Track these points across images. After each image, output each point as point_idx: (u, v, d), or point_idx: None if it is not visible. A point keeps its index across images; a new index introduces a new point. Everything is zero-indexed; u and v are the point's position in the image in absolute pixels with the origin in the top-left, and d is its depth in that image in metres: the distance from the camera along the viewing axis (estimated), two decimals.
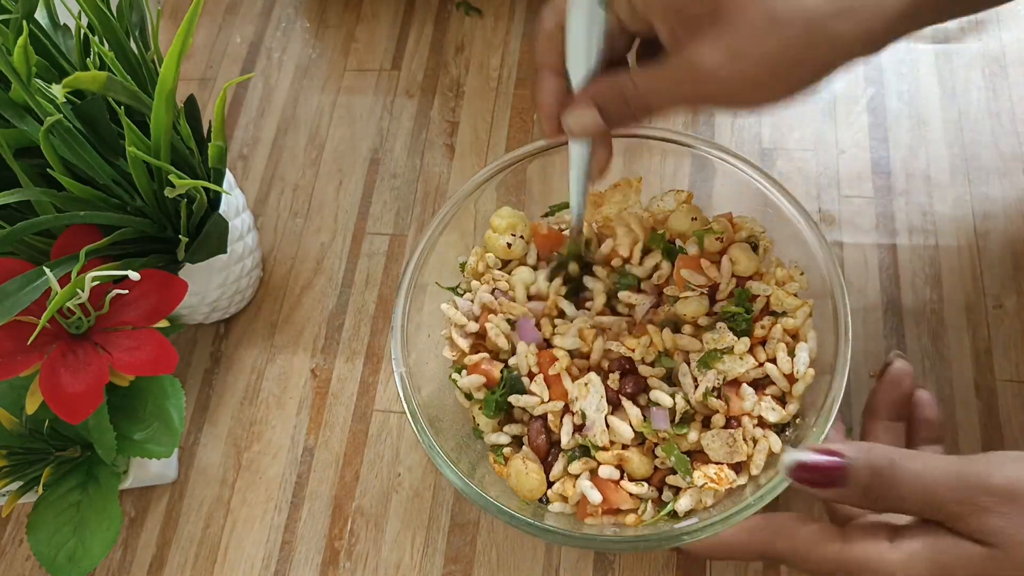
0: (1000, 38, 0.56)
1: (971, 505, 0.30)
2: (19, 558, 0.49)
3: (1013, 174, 0.52)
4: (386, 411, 0.51)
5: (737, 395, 0.40)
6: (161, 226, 0.45)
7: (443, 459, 0.39)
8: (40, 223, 0.39)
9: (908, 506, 0.32)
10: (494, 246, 0.46)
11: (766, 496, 0.36)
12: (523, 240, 0.46)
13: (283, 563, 0.47)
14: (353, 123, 0.61)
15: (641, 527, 0.39)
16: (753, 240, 0.44)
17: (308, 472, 0.49)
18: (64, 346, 0.41)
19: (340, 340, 0.53)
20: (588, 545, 0.37)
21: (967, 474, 0.30)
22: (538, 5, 0.63)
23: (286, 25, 0.66)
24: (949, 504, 0.30)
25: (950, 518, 0.31)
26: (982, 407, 0.46)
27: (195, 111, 0.46)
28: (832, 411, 0.37)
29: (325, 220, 0.57)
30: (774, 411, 0.40)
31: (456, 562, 0.46)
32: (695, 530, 0.36)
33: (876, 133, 0.54)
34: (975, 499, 0.30)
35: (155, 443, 0.43)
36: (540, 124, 0.36)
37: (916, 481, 0.31)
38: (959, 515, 0.30)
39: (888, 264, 0.50)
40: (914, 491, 0.31)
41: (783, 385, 0.40)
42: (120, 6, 0.43)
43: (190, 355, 0.54)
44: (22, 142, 0.40)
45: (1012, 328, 0.48)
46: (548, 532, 0.37)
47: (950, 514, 0.31)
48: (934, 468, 0.31)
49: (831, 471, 0.32)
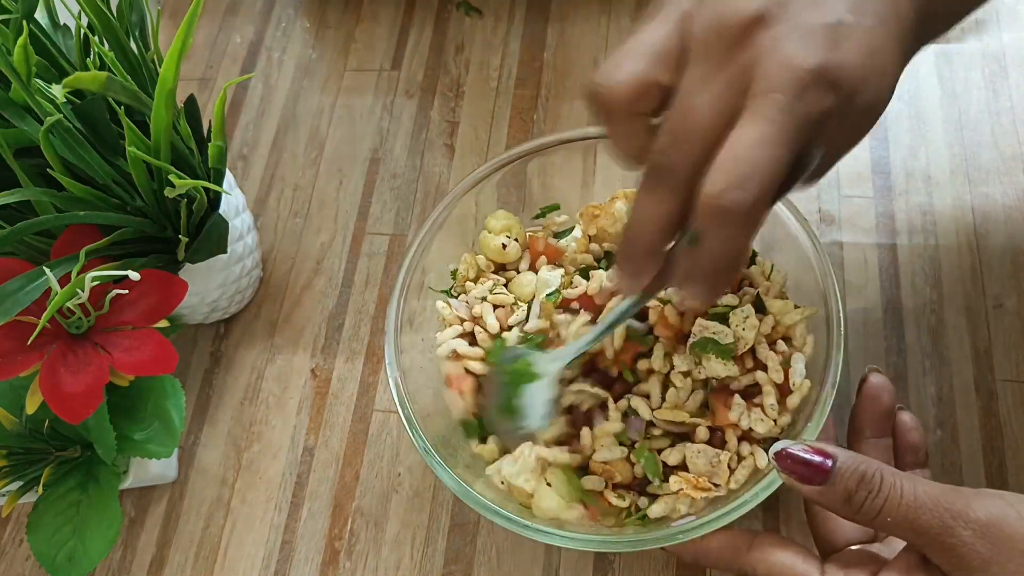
0: (1000, 38, 0.56)
1: (951, 536, 0.29)
2: (19, 558, 0.49)
3: (1013, 174, 0.52)
4: (386, 411, 0.51)
5: (725, 405, 0.38)
6: (161, 226, 0.45)
7: (439, 463, 0.39)
8: (40, 223, 0.39)
9: (889, 524, 0.31)
10: (488, 247, 0.46)
11: (760, 494, 0.35)
12: (517, 243, 0.46)
13: (283, 563, 0.47)
14: (353, 123, 0.61)
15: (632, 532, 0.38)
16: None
17: (308, 472, 0.49)
18: (64, 346, 0.41)
19: (340, 340, 0.53)
20: (585, 546, 0.37)
21: (952, 502, 0.30)
22: (538, 5, 0.63)
23: (286, 25, 0.66)
24: (931, 530, 0.30)
25: (930, 544, 0.30)
26: (982, 407, 0.46)
27: (195, 111, 0.46)
28: (822, 419, 0.36)
29: (325, 220, 0.57)
30: (763, 422, 0.38)
31: (456, 562, 0.46)
32: (689, 530, 0.36)
33: (876, 133, 0.54)
34: (956, 530, 0.29)
35: (155, 443, 0.43)
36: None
37: (901, 500, 0.30)
38: (939, 545, 0.30)
39: (888, 264, 0.50)
40: (898, 509, 0.30)
41: (773, 399, 0.39)
42: (120, 6, 0.43)
43: (190, 355, 0.54)
44: (22, 142, 0.40)
45: (1012, 328, 0.48)
46: (543, 534, 0.36)
47: (930, 541, 0.30)
48: (922, 492, 0.30)
49: (818, 467, 0.32)
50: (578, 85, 0.60)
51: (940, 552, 0.30)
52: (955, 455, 0.45)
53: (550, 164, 0.47)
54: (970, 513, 0.29)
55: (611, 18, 0.62)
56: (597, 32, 0.61)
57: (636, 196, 0.30)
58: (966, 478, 0.44)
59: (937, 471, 0.45)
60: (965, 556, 0.29)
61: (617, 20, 0.62)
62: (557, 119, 0.58)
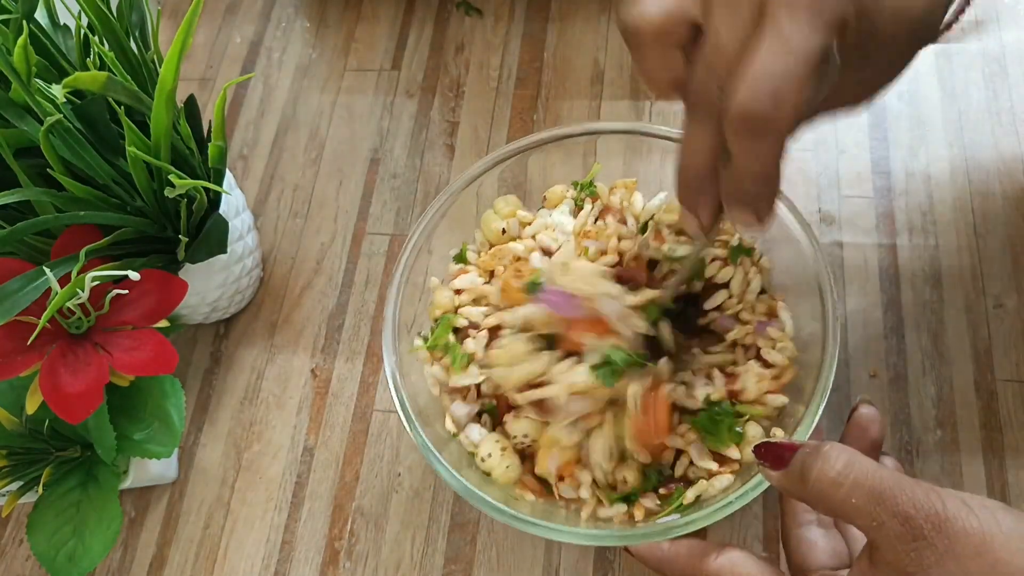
0: (1000, 38, 0.56)
1: (910, 524, 0.28)
2: (19, 558, 0.49)
3: (1013, 174, 0.52)
4: (386, 411, 0.51)
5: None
6: (161, 226, 0.45)
7: (433, 453, 0.39)
8: (40, 223, 0.39)
9: (853, 500, 0.29)
10: (489, 228, 0.46)
11: (748, 494, 0.36)
12: (519, 227, 0.46)
13: (283, 563, 0.47)
14: (353, 123, 0.61)
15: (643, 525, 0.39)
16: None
17: (308, 472, 0.49)
18: (64, 346, 0.41)
19: (340, 340, 0.53)
20: (586, 541, 0.37)
21: (912, 491, 0.28)
22: (538, 5, 0.63)
23: (286, 25, 0.66)
24: (894, 517, 0.28)
25: (887, 538, 0.28)
26: (982, 407, 0.46)
27: (195, 111, 0.46)
28: (819, 410, 0.37)
29: (325, 220, 0.57)
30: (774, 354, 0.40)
31: (456, 562, 0.46)
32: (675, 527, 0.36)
33: (876, 133, 0.55)
34: (915, 520, 0.28)
35: (155, 443, 0.43)
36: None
37: (864, 476, 0.29)
38: (897, 535, 0.28)
39: (888, 264, 0.50)
40: (860, 484, 0.29)
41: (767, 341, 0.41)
42: (120, 6, 0.43)
43: (190, 355, 0.54)
44: (22, 142, 0.40)
45: (1012, 328, 0.48)
46: (541, 528, 0.36)
47: (890, 532, 0.28)
48: (889, 474, 0.29)
49: (785, 447, 0.32)
50: (578, 85, 0.60)
51: (896, 542, 0.28)
52: (955, 455, 0.45)
53: (550, 160, 0.47)
54: (931, 506, 0.28)
55: (611, 18, 0.62)
56: (597, 32, 0.61)
57: (683, 132, 0.31)
58: (966, 478, 0.44)
59: (937, 471, 0.45)
60: (920, 549, 0.28)
61: (617, 20, 0.62)
62: (557, 119, 0.58)
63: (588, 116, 0.58)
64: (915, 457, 0.45)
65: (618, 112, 0.58)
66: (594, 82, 0.59)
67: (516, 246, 0.45)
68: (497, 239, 0.46)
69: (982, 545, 0.27)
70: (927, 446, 0.45)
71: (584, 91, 0.59)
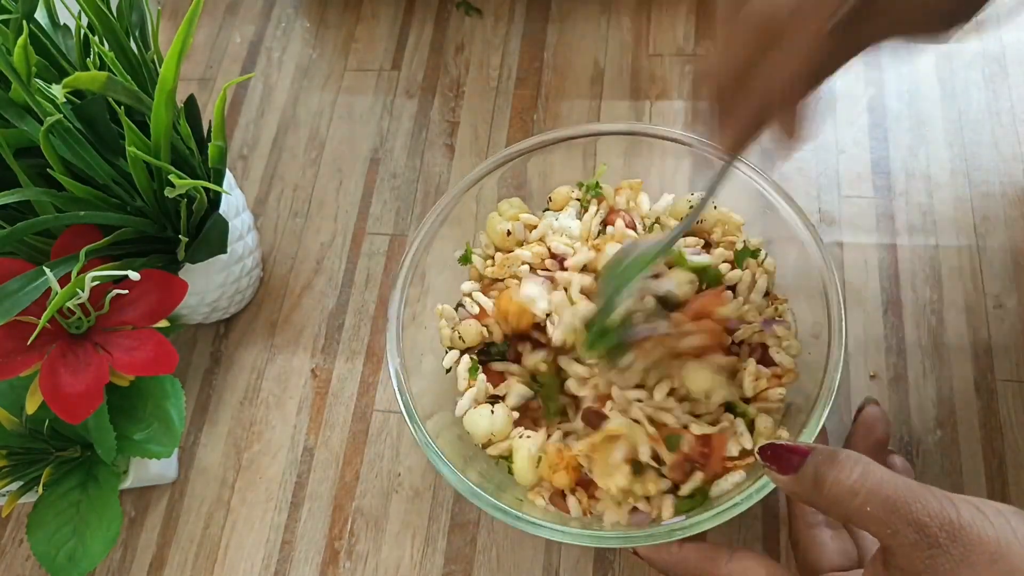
0: (1000, 38, 0.56)
1: (924, 532, 0.28)
2: (19, 558, 0.49)
3: (1013, 174, 0.52)
4: (386, 411, 0.51)
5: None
6: (161, 226, 0.45)
7: (436, 453, 0.39)
8: (40, 223, 0.39)
9: (868, 514, 0.29)
10: (493, 230, 0.46)
11: (754, 495, 0.36)
12: (525, 230, 0.46)
13: (283, 563, 0.47)
14: (353, 123, 0.61)
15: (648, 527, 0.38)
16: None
17: (308, 472, 0.49)
18: (64, 346, 0.41)
19: (340, 340, 0.53)
20: (590, 542, 0.37)
21: (926, 500, 0.28)
22: (538, 5, 0.63)
23: (286, 25, 0.66)
24: (909, 525, 0.28)
25: (902, 546, 0.28)
26: (982, 407, 0.46)
27: (195, 111, 0.46)
28: (824, 411, 0.37)
29: (325, 220, 0.57)
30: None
31: (456, 562, 0.46)
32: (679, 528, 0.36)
33: (876, 133, 0.54)
34: (930, 528, 0.28)
35: (155, 443, 0.43)
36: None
37: (880, 485, 0.29)
38: (912, 543, 0.28)
39: (888, 264, 0.50)
40: (875, 493, 0.29)
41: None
42: (120, 6, 0.43)
43: (190, 355, 0.54)
44: (22, 142, 0.40)
45: (1012, 328, 0.48)
46: (539, 527, 0.37)
47: (905, 540, 0.28)
48: (904, 482, 0.29)
49: (794, 450, 0.31)
50: (578, 85, 0.60)
51: (911, 550, 0.28)
52: (955, 455, 0.45)
53: (550, 162, 0.47)
54: (945, 514, 0.28)
55: (611, 18, 0.62)
56: (597, 32, 0.61)
57: (717, 41, 0.31)
58: (966, 478, 0.44)
59: (937, 471, 0.45)
60: (935, 557, 0.28)
61: (617, 20, 0.62)
62: (557, 119, 0.58)
63: (588, 116, 0.58)
64: (915, 457, 0.45)
65: (618, 112, 0.58)
66: (594, 82, 0.59)
67: (524, 253, 0.45)
68: (502, 241, 0.46)
69: (997, 553, 0.27)
70: (927, 446, 0.45)
71: (584, 91, 0.59)
